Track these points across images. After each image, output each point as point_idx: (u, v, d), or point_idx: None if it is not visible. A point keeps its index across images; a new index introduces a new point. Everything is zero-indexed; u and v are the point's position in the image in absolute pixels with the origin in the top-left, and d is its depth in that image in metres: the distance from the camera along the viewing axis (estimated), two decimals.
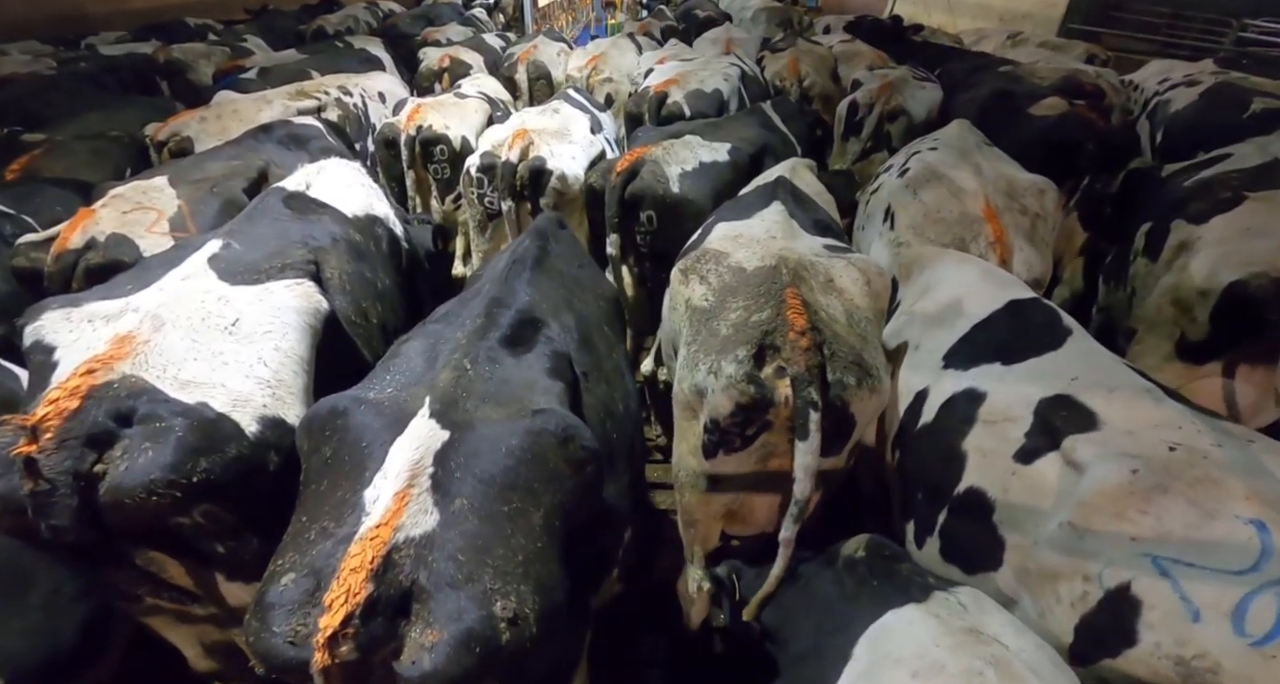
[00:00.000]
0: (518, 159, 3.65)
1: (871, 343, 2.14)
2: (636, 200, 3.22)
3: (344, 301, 2.55)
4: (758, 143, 3.87)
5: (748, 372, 1.91)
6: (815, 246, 2.42)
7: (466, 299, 2.15)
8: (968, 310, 2.41)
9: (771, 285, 2.08)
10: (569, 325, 2.19)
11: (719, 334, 2.03)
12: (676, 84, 4.87)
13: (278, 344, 2.03)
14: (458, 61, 6.73)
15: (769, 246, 2.32)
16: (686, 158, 3.39)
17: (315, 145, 3.99)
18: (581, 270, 2.60)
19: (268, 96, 4.58)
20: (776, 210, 2.63)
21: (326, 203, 2.89)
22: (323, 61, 6.11)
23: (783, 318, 1.95)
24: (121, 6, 9.92)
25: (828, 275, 2.23)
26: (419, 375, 1.82)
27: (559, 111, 4.36)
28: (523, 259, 2.28)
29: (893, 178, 3.38)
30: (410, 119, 4.22)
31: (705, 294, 2.20)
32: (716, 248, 2.36)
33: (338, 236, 2.70)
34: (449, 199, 4.41)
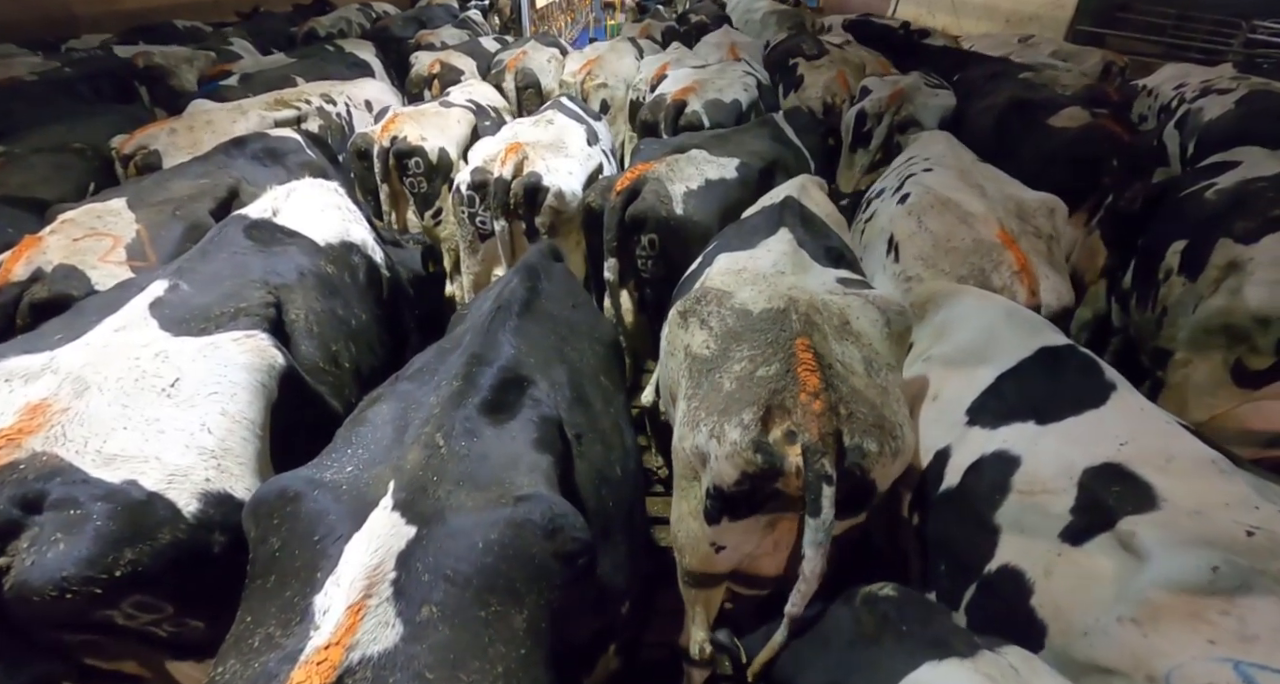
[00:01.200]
0: (511, 175, 3.42)
1: (893, 394, 1.91)
2: (637, 223, 2.99)
3: (311, 346, 2.33)
4: (768, 157, 3.63)
5: (754, 438, 1.69)
6: (828, 282, 2.20)
7: (445, 350, 1.92)
8: (993, 358, 2.17)
9: (780, 333, 1.86)
10: (560, 381, 1.96)
11: (722, 389, 1.82)
12: (694, 92, 4.60)
13: (224, 407, 1.78)
14: (449, 67, 6.48)
15: (776, 284, 2.10)
16: (691, 175, 3.15)
17: (293, 160, 3.75)
18: (576, 311, 2.36)
19: (244, 106, 4.34)
20: (784, 239, 2.40)
21: (296, 231, 2.63)
22: (307, 67, 5.86)
23: (793, 375, 1.73)
24: (112, 8, 9.67)
25: (843, 317, 2.00)
26: (385, 451, 1.58)
27: (553, 122, 4.12)
28: (508, 304, 2.04)
29: (891, 204, 3.14)
30: (385, 129, 3.98)
31: (706, 341, 1.98)
32: (718, 286, 2.13)
33: (306, 270, 2.44)
34: (428, 214, 4.17)
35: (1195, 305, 3.12)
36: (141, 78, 6.16)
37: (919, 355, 2.44)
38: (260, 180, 3.48)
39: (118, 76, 6.09)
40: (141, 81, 6.14)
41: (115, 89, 5.99)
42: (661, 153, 3.32)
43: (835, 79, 5.81)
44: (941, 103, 4.97)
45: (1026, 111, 4.56)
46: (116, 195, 2.93)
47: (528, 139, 3.77)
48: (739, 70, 5.17)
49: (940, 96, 5.01)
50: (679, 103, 4.51)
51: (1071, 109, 4.37)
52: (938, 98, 5.00)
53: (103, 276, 2.58)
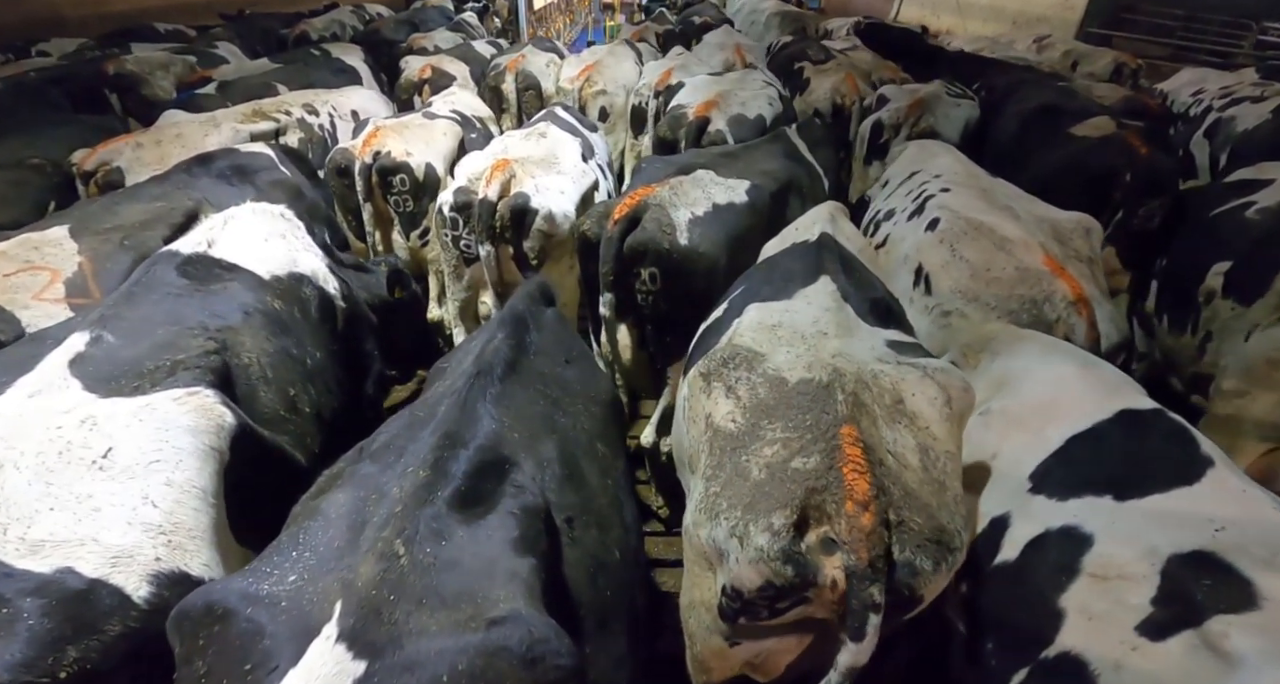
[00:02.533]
0: (497, 196, 3.13)
1: (951, 491, 1.62)
2: (637, 255, 2.70)
3: (268, 393, 2.08)
4: (781, 178, 3.34)
5: (784, 547, 1.45)
6: (878, 346, 1.89)
7: (417, 421, 1.63)
8: (1063, 417, 1.90)
9: (822, 416, 1.59)
10: (549, 457, 1.68)
11: (749, 477, 1.57)
12: (717, 107, 4.27)
13: (169, 476, 1.59)
14: (440, 72, 6.20)
15: (819, 349, 1.82)
16: (697, 199, 2.85)
17: (264, 179, 3.47)
18: (569, 368, 2.08)
19: (218, 118, 4.04)
20: (826, 290, 2.09)
21: (236, 264, 2.34)
22: (291, 74, 5.55)
23: (838, 474, 1.47)
24: (100, 9, 9.38)
25: (896, 394, 1.70)
26: (335, 557, 1.30)
27: (545, 135, 3.84)
28: (489, 367, 1.75)
29: (912, 229, 2.86)
30: (366, 144, 3.67)
31: (732, 413, 1.71)
32: (749, 345, 1.85)
33: (251, 308, 2.19)
34: (414, 235, 3.88)
35: (1249, 333, 2.94)
36: (112, 85, 5.84)
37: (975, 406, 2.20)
38: (226, 202, 3.16)
39: (88, 83, 5.74)
40: (112, 89, 5.82)
41: (86, 97, 5.66)
42: (664, 173, 3.02)
43: (844, 80, 5.58)
44: (964, 113, 4.69)
45: (1052, 118, 4.30)
46: (58, 222, 2.64)
47: (517, 155, 3.48)
48: (758, 80, 4.87)
49: (963, 107, 4.74)
50: (701, 120, 4.17)
51: (1099, 119, 4.12)
52: (960, 108, 4.72)
53: (37, 317, 2.30)
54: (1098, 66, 6.68)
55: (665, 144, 4.29)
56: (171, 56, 6.29)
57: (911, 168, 3.44)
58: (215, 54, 7.14)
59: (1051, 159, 3.96)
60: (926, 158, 3.51)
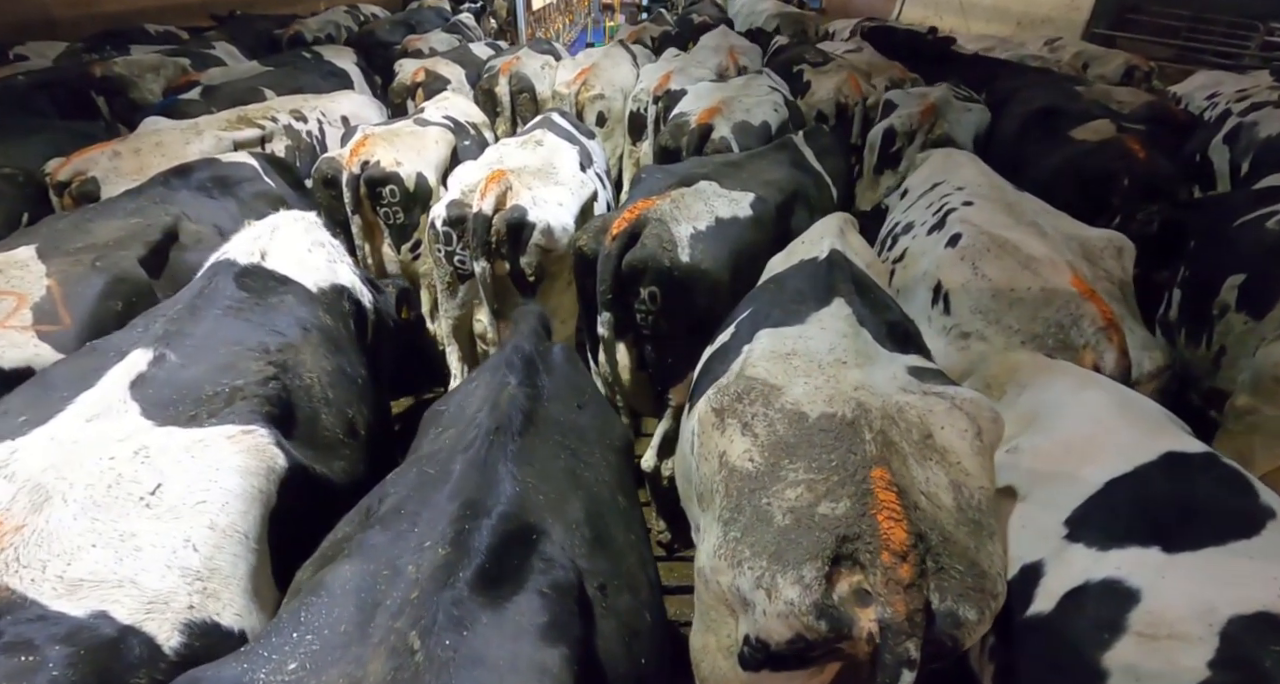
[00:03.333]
0: (492, 209, 2.97)
1: (986, 530, 1.51)
2: (636, 273, 2.55)
3: (330, 417, 2.01)
4: (787, 189, 3.18)
5: (817, 601, 1.34)
6: (899, 375, 1.78)
7: (427, 480, 1.46)
8: (1102, 458, 1.74)
9: (849, 456, 1.48)
10: (576, 518, 1.53)
11: (771, 522, 1.47)
12: (720, 113, 4.11)
13: (213, 519, 1.51)
14: (434, 76, 6.04)
15: (838, 380, 1.70)
16: (699, 213, 2.70)
17: (247, 190, 3.31)
18: (584, 413, 1.92)
19: (200, 125, 3.88)
20: (839, 315, 1.96)
21: (288, 276, 2.29)
22: (279, 78, 5.38)
23: (871, 521, 1.35)
24: (91, 11, 9.23)
25: (924, 429, 1.58)
26: (341, 646, 1.14)
27: (542, 143, 3.68)
28: (507, 421, 1.58)
29: (932, 244, 2.72)
30: (353, 153, 3.51)
31: (749, 451, 1.60)
32: (763, 378, 1.73)
33: (309, 324, 2.14)
34: (405, 248, 3.72)
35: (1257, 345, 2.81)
36: (100, 89, 5.64)
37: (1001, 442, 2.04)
38: (206, 216, 3.04)
39: (75, 87, 5.52)
40: (100, 93, 5.63)
41: (72, 101, 5.48)
42: (665, 185, 2.87)
43: (846, 80, 5.46)
44: (975, 118, 4.55)
45: (1053, 121, 4.16)
46: (25, 241, 2.49)
47: (513, 165, 3.32)
48: (764, 86, 4.70)
49: (973, 111, 4.60)
50: (704, 127, 4.01)
51: (1100, 122, 3.98)
52: (970, 113, 4.58)
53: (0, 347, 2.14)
54: (1108, 69, 6.53)
55: (667, 152, 4.13)
56: (163, 59, 6.11)
57: (933, 178, 3.29)
58: (211, 55, 6.96)
59: (1050, 162, 3.83)
60: (950, 168, 3.36)
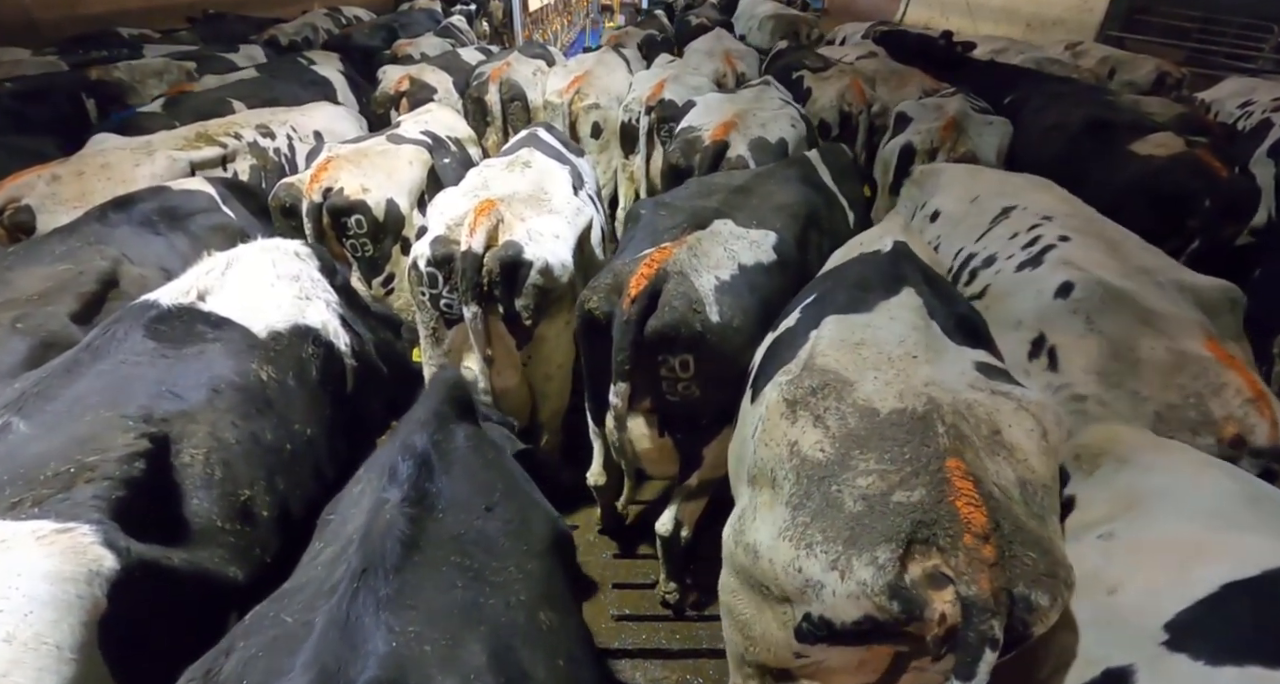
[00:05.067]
0: (483, 247, 2.60)
1: (1052, 525, 1.61)
2: (665, 341, 2.19)
3: (207, 500, 1.77)
4: (803, 216, 2.82)
5: (890, 582, 1.41)
6: (967, 371, 1.79)
7: (284, 634, 1.19)
8: (1219, 557, 1.45)
9: (922, 448, 1.53)
10: (476, 668, 1.25)
11: (843, 508, 1.53)
12: (736, 129, 3.74)
13: (11, 631, 1.29)
14: (419, 84, 5.65)
15: (909, 373, 1.72)
16: (720, 260, 2.34)
17: (200, 223, 2.93)
18: (493, 515, 1.60)
19: (153, 145, 3.48)
20: (910, 305, 1.96)
21: (228, 319, 2.05)
22: (248, 89, 4.96)
23: (949, 507, 1.42)
24: (73, 13, 8.83)
25: (993, 426, 1.63)
26: None
27: (530, 165, 3.30)
28: (378, 558, 1.32)
29: (1043, 297, 2.38)
30: (315, 179, 3.12)
31: (820, 442, 1.65)
32: (835, 369, 1.76)
33: (224, 383, 1.90)
34: (376, 282, 3.34)
35: None
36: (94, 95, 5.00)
37: (1088, 524, 1.73)
38: (151, 256, 2.66)
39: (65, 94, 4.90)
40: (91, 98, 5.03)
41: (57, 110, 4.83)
42: (672, 224, 2.49)
43: (849, 86, 5.15)
44: (998, 133, 4.20)
45: (1104, 134, 3.81)
46: None
47: (501, 191, 2.95)
48: (776, 98, 4.33)
49: (995, 125, 4.25)
50: (719, 144, 3.63)
51: (1162, 135, 3.64)
52: (992, 126, 4.23)
53: None
54: (1138, 75, 6.21)
55: (678, 171, 3.75)
56: (168, 62, 5.68)
57: (1000, 201, 2.93)
58: (227, 59, 6.50)
59: (1115, 181, 3.47)
60: (1019, 191, 2.99)
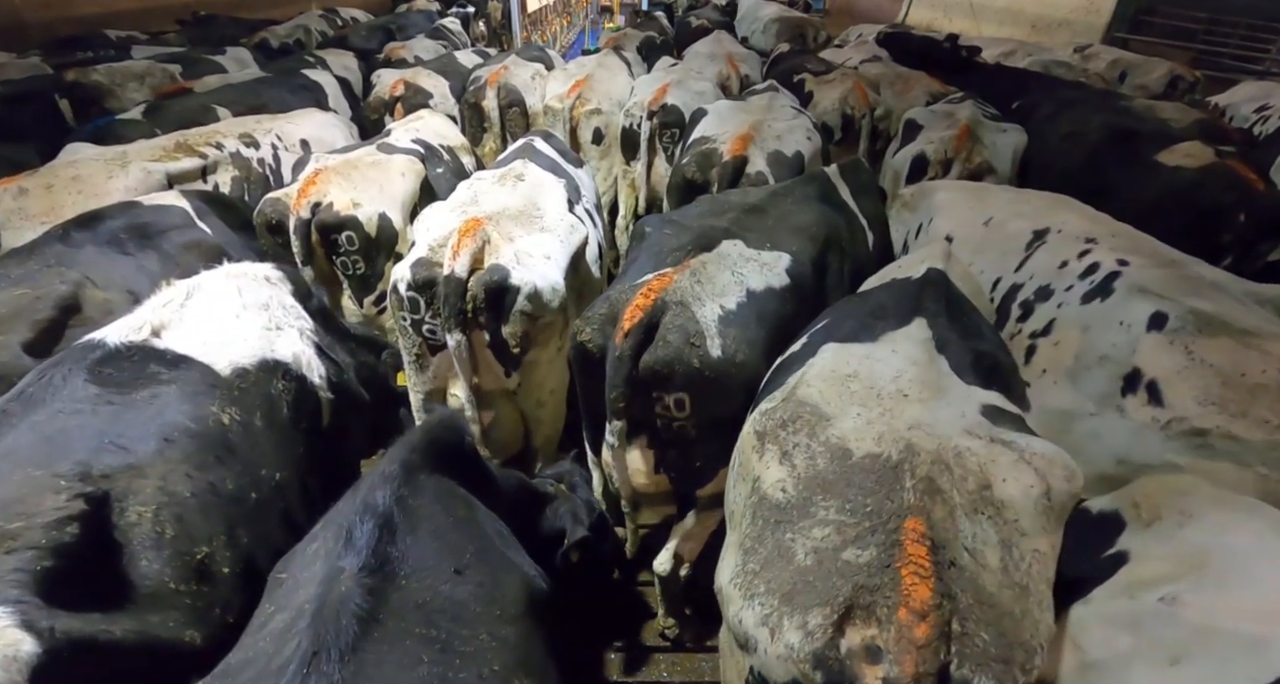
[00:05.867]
0: (467, 270, 2.44)
1: (1034, 597, 1.39)
2: (659, 378, 2.03)
3: (155, 562, 1.62)
4: (820, 237, 2.65)
5: (817, 650, 1.31)
6: (969, 414, 1.63)
7: None
8: None
9: (885, 502, 1.42)
10: None
11: (792, 559, 1.45)
12: (753, 141, 3.57)
13: None
14: (414, 88, 5.49)
15: (896, 414, 1.58)
16: (727, 286, 2.17)
17: (174, 241, 2.77)
18: (464, 579, 1.49)
19: (127, 155, 3.31)
20: (917, 338, 1.83)
21: (186, 356, 1.90)
22: (235, 94, 4.79)
23: (894, 574, 1.31)
24: (65, 14, 8.71)
25: (983, 479, 1.46)
26: None
27: (523, 178, 3.14)
28: (334, 636, 1.22)
29: (1131, 330, 2.23)
30: (302, 194, 2.95)
31: (783, 482, 1.55)
32: (815, 402, 1.65)
33: (178, 431, 1.74)
34: (368, 300, 3.18)
35: None
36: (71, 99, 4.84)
37: (1147, 583, 1.56)
38: (117, 279, 2.50)
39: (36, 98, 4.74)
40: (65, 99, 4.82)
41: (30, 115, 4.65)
42: (677, 245, 2.33)
43: (852, 90, 5.02)
44: (1012, 140, 4.04)
45: (1127, 144, 3.65)
46: None
47: (490, 208, 2.79)
48: (788, 108, 4.16)
49: (1008, 133, 4.09)
50: (739, 159, 3.45)
51: (1190, 144, 3.47)
52: (1005, 134, 4.07)
53: None
54: (1150, 78, 6.04)
55: (693, 186, 3.57)
56: (151, 65, 5.49)
57: (1026, 223, 2.76)
58: (214, 62, 6.32)
59: (1141, 194, 3.31)
60: (1044, 211, 2.82)
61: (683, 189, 3.64)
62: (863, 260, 2.86)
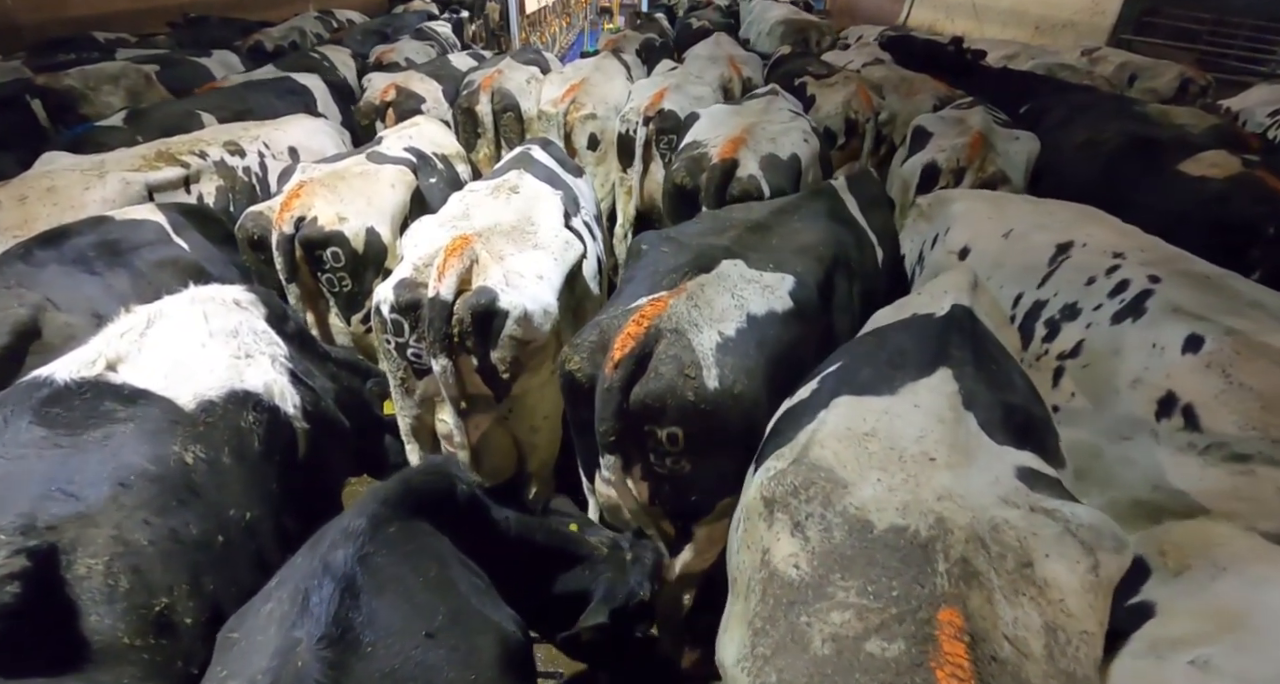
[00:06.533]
0: (453, 293, 2.30)
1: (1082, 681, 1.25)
2: (651, 413, 1.89)
3: (108, 617, 1.50)
4: (827, 256, 2.51)
5: None
6: (1004, 480, 1.46)
7: None
8: None
9: (914, 587, 1.26)
10: None
11: (808, 646, 1.29)
12: (745, 145, 3.42)
13: None
14: (406, 93, 5.35)
15: (921, 483, 1.42)
16: (726, 311, 2.03)
17: (146, 258, 2.63)
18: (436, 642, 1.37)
19: (105, 165, 3.17)
20: (942, 390, 1.64)
21: (146, 390, 1.77)
22: (221, 100, 4.65)
23: (927, 675, 1.14)
24: (58, 15, 8.59)
25: (1023, 556, 1.32)
26: None
27: (518, 190, 3.00)
28: None
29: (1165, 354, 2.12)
30: (285, 207, 2.81)
31: (796, 556, 1.40)
32: (829, 465, 1.48)
33: (134, 475, 1.61)
34: (356, 319, 3.04)
35: None
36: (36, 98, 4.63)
37: (1175, 642, 1.44)
38: (82, 301, 2.37)
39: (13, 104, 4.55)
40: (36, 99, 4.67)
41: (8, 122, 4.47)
42: (675, 265, 2.19)
43: (856, 93, 4.89)
44: (1024, 149, 3.90)
45: (1147, 152, 3.51)
46: None
47: (481, 223, 2.65)
48: (785, 110, 4.02)
49: (1021, 140, 3.95)
50: (728, 163, 3.30)
51: (1214, 153, 3.34)
52: (1018, 141, 3.94)
53: None
54: (1160, 82, 5.90)
55: (683, 192, 3.44)
56: (126, 66, 5.33)
57: (1049, 236, 2.61)
58: (199, 64, 6.18)
59: (1164, 206, 3.17)
60: (1067, 223, 2.67)
61: (673, 196, 3.51)
62: (872, 280, 2.73)
